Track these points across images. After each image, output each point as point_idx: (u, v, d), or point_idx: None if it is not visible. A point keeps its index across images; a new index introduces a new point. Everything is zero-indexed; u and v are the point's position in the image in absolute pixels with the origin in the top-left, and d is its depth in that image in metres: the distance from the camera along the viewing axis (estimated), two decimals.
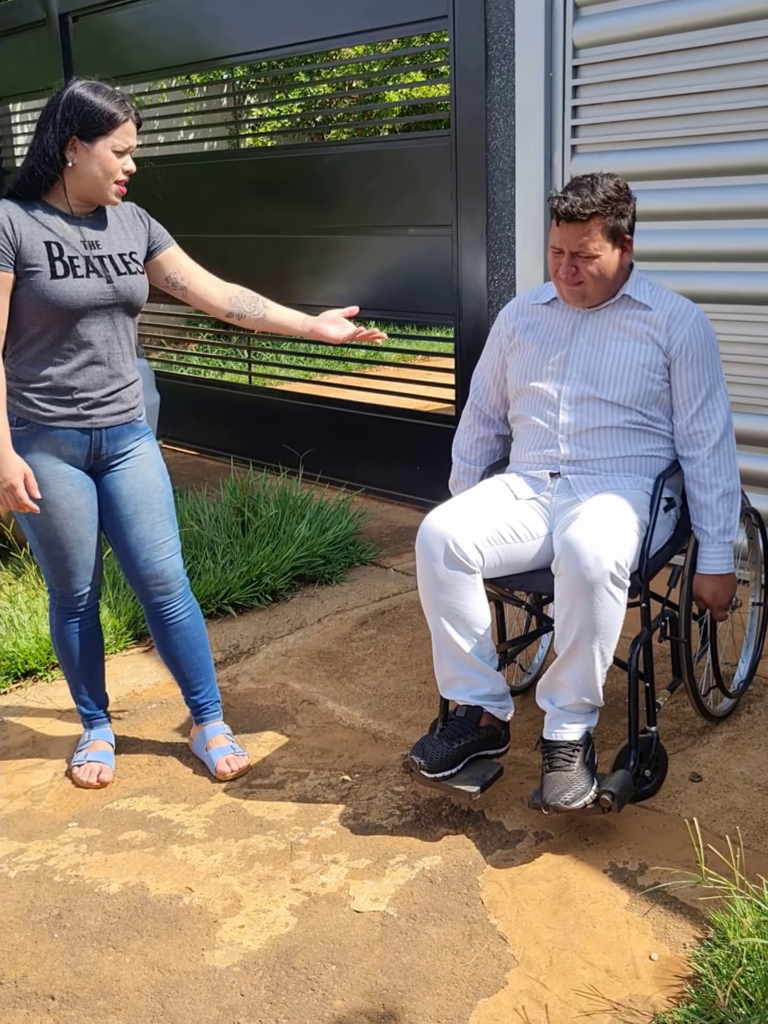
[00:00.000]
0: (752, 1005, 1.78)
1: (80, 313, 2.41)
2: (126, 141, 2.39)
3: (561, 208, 2.43)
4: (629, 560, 2.33)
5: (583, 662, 2.34)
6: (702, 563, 2.59)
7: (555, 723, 2.41)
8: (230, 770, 2.73)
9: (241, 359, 6.37)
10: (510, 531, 2.51)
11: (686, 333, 2.52)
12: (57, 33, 6.23)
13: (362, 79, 8.31)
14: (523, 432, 2.70)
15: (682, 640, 2.61)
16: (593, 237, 2.44)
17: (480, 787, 2.43)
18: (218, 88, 8.52)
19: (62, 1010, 1.98)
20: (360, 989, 2.00)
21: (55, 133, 2.34)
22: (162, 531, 2.65)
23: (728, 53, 3.55)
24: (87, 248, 2.43)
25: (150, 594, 2.69)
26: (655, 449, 2.60)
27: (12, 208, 2.37)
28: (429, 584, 2.47)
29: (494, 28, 4.14)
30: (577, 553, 2.28)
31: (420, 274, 4.78)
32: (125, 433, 2.59)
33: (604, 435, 2.56)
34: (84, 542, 2.59)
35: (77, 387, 2.47)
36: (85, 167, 2.37)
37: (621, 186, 2.48)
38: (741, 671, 2.99)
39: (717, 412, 2.56)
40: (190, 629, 2.75)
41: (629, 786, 2.37)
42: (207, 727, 2.83)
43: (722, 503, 2.55)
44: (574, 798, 2.29)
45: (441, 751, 2.45)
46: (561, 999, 1.94)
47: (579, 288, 2.51)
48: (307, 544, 4.05)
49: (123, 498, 2.60)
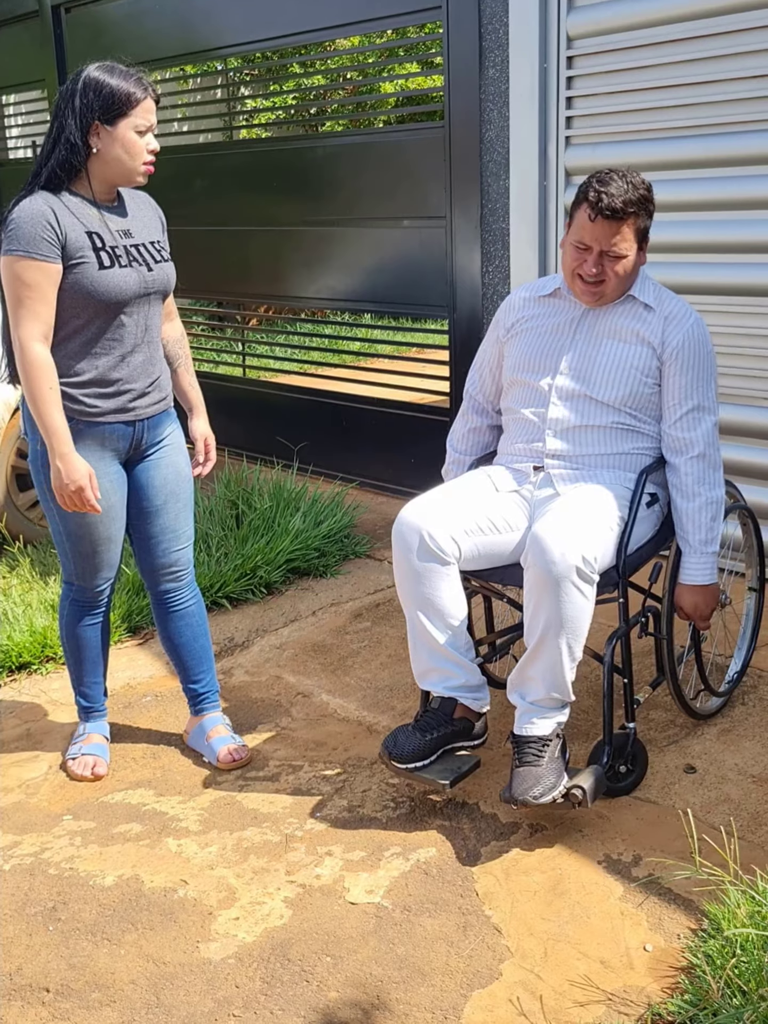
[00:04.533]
0: (746, 995, 1.78)
1: (125, 303, 2.39)
2: (147, 119, 2.35)
3: (603, 203, 2.36)
4: (599, 555, 2.30)
5: (550, 656, 2.33)
6: (684, 573, 2.56)
7: (525, 718, 2.40)
8: (232, 760, 2.73)
9: (235, 352, 6.36)
10: (489, 523, 2.49)
11: (681, 337, 2.50)
12: (50, 24, 6.20)
13: (356, 70, 8.28)
14: (512, 425, 2.69)
15: (663, 637, 2.60)
16: (625, 236, 2.41)
17: (452, 779, 2.42)
18: (212, 80, 8.49)
19: (57, 1002, 1.98)
20: (355, 981, 2.00)
21: (76, 120, 2.30)
22: (184, 521, 2.67)
23: (722, 43, 3.54)
24: (122, 237, 2.41)
25: (160, 582, 2.70)
26: (640, 448, 2.58)
27: (52, 200, 2.32)
28: (404, 575, 2.47)
29: (488, 19, 4.13)
30: (543, 547, 2.27)
31: (414, 266, 4.77)
32: (163, 421, 2.59)
33: (591, 433, 2.55)
34: (112, 539, 2.58)
35: (122, 379, 2.45)
36: (110, 151, 2.33)
37: (649, 185, 2.45)
38: (736, 663, 2.99)
39: (704, 420, 2.52)
40: (195, 616, 2.77)
41: (601, 781, 2.36)
42: (206, 718, 2.82)
43: (704, 512, 2.52)
44: (542, 793, 2.28)
45: (413, 742, 2.45)
46: (555, 990, 1.95)
47: (599, 287, 2.47)
48: (301, 537, 4.05)
49: (155, 488, 2.60)
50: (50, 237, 2.28)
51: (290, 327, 9.32)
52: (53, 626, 3.39)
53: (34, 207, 2.30)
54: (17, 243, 2.28)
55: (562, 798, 2.30)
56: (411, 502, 2.49)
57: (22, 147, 7.24)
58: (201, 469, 2.75)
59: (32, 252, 2.27)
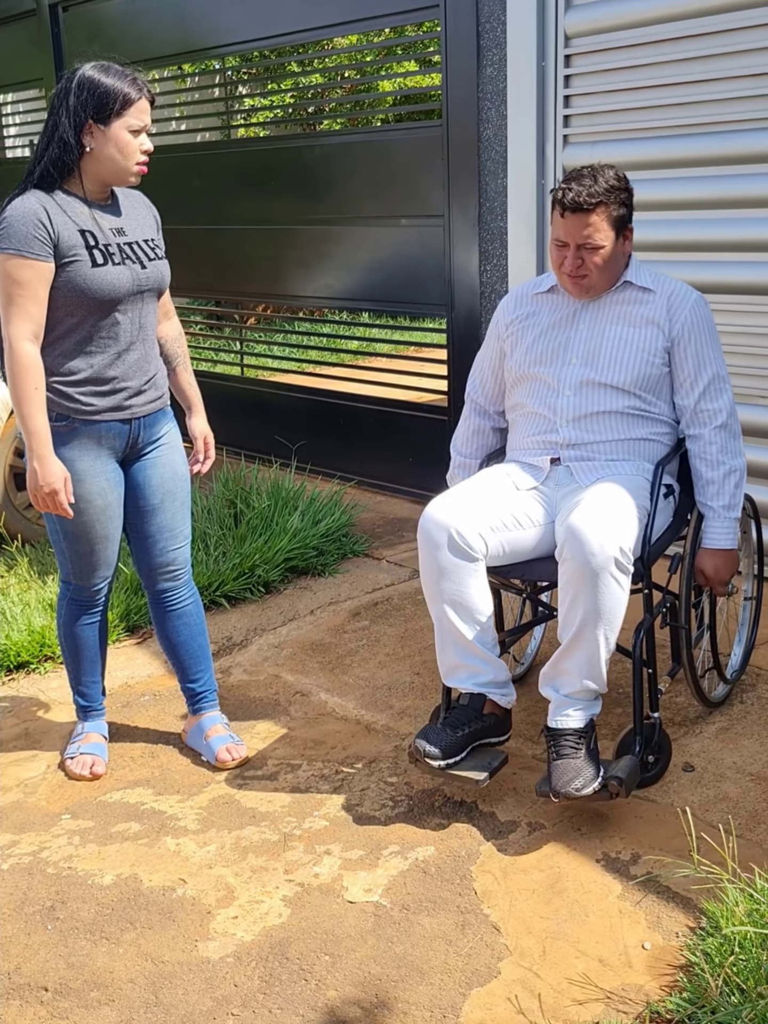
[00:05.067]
0: (744, 993, 1.78)
1: (119, 301, 2.39)
2: (141, 119, 2.35)
3: (567, 198, 2.43)
4: (633, 546, 2.33)
5: (588, 648, 2.34)
6: (707, 538, 2.61)
7: (560, 711, 2.41)
8: (231, 759, 2.72)
9: (233, 351, 6.35)
10: (512, 519, 2.51)
11: (687, 314, 2.55)
12: (47, 23, 6.19)
13: (354, 69, 8.28)
14: (520, 420, 2.70)
15: (682, 626, 2.61)
16: (598, 227, 2.46)
17: (487, 774, 2.43)
18: (209, 78, 8.49)
19: (55, 1001, 1.98)
20: (353, 979, 2.00)
21: (69, 119, 2.30)
22: (181, 520, 2.67)
23: (721, 42, 3.54)
24: (116, 235, 2.41)
25: (157, 581, 2.70)
26: (654, 434, 2.61)
27: (43, 198, 2.32)
28: (432, 573, 2.47)
29: (486, 17, 4.12)
30: (581, 540, 2.28)
31: (412, 265, 4.77)
32: (159, 419, 2.59)
33: (604, 419, 2.57)
34: (110, 538, 2.57)
35: (117, 376, 2.45)
36: (103, 150, 2.33)
37: (621, 175, 2.51)
38: (734, 661, 3.00)
39: (724, 391, 2.60)
40: (192, 615, 2.76)
41: (636, 772, 2.38)
42: (204, 717, 2.82)
43: (729, 479, 2.58)
44: (583, 785, 2.29)
45: (446, 738, 2.44)
46: (554, 988, 1.95)
47: (585, 281, 2.52)
48: (300, 536, 4.04)
49: (152, 487, 2.60)
50: (42, 236, 2.28)
51: (288, 326, 9.32)
52: (51, 625, 3.39)
53: (26, 206, 2.30)
54: (9, 241, 2.28)
55: (600, 789, 2.31)
56: (436, 499, 2.50)
57: (20, 146, 7.24)
58: (200, 467, 2.75)
59: (24, 251, 2.28)
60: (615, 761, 2.41)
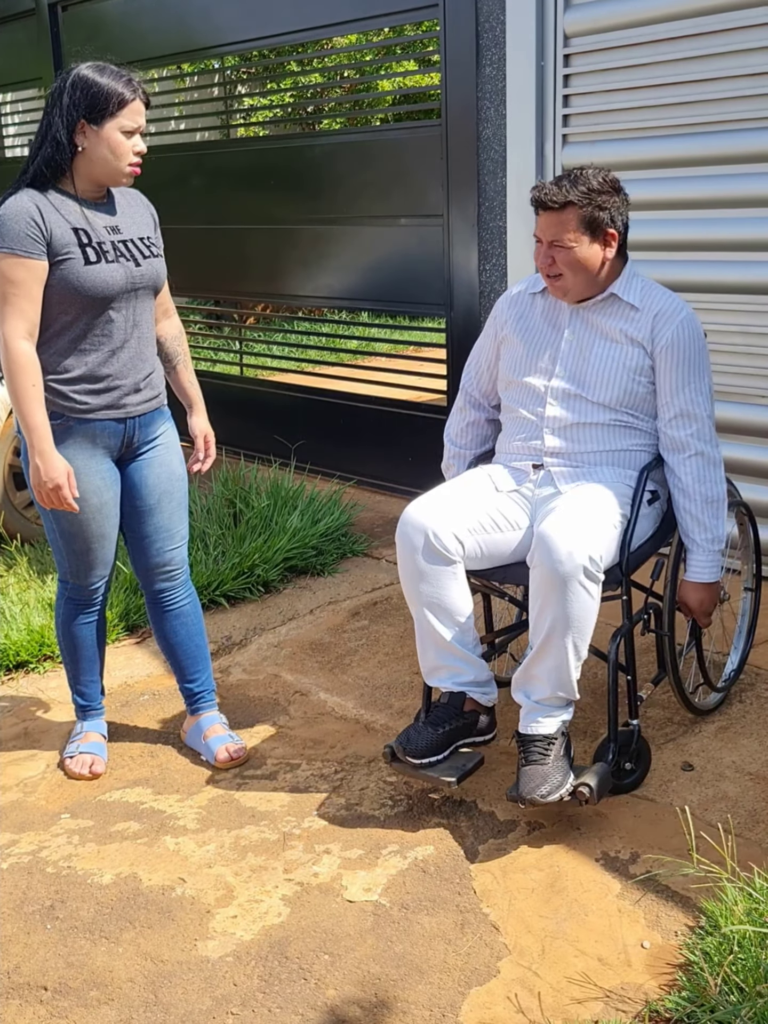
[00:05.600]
0: (743, 992, 1.78)
1: (112, 299, 2.39)
2: (135, 121, 2.34)
3: (535, 196, 2.45)
4: (604, 554, 2.31)
5: (556, 656, 2.33)
6: (690, 571, 2.58)
7: (530, 717, 2.40)
8: (230, 758, 2.73)
9: (233, 350, 6.35)
10: (491, 521, 2.50)
11: (671, 334, 2.49)
12: (46, 22, 6.19)
13: (353, 68, 8.28)
14: (509, 423, 2.70)
15: (665, 634, 2.60)
16: (567, 228, 2.43)
17: (458, 777, 2.42)
18: (208, 78, 8.49)
19: (55, 1001, 1.98)
20: (353, 978, 2.00)
21: (63, 118, 2.30)
22: (178, 520, 2.66)
23: (720, 41, 3.54)
24: (110, 233, 2.41)
25: (154, 581, 2.70)
26: (639, 444, 2.59)
27: (36, 197, 2.33)
28: (410, 575, 2.47)
29: (485, 16, 4.12)
30: (550, 546, 2.27)
31: (411, 264, 4.76)
32: (155, 419, 2.59)
33: (589, 431, 2.56)
34: (106, 537, 2.57)
35: (112, 374, 2.45)
36: (95, 150, 2.33)
37: (607, 179, 2.46)
38: (733, 660, 2.99)
39: (699, 417, 2.52)
40: (190, 616, 2.76)
41: (607, 778, 2.37)
42: (203, 717, 2.82)
43: (707, 511, 2.53)
44: (550, 791, 2.28)
45: (426, 737, 2.44)
46: (553, 987, 1.95)
47: (559, 282, 2.50)
48: (299, 535, 4.04)
49: (148, 487, 2.59)
50: (35, 234, 2.29)
51: (287, 325, 9.32)
52: (51, 625, 3.39)
53: (19, 204, 2.30)
54: (2, 240, 2.29)
55: (569, 796, 2.31)
56: (414, 502, 2.49)
57: (19, 145, 7.24)
58: (200, 466, 2.75)
59: (17, 249, 2.28)
60: (588, 767, 2.39)
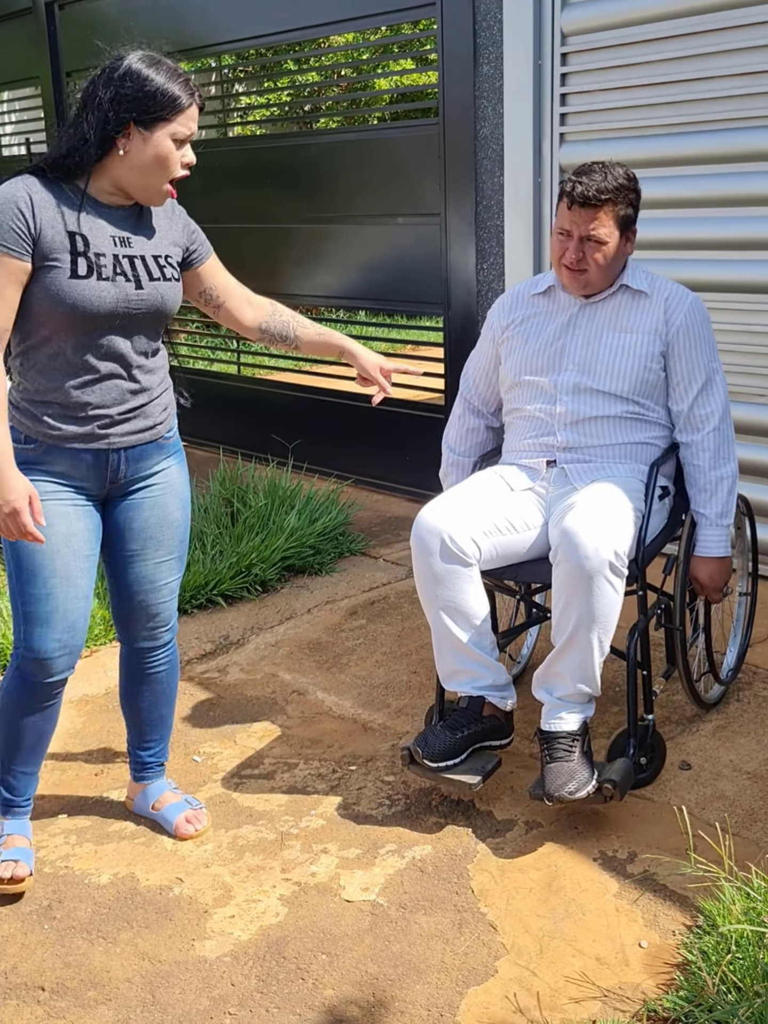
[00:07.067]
0: (741, 992, 1.78)
1: (101, 320, 2.04)
2: (188, 127, 2.02)
3: (576, 191, 2.43)
4: (627, 549, 2.33)
5: (581, 652, 2.34)
6: (700, 545, 2.61)
7: (553, 713, 2.41)
8: (194, 830, 2.44)
9: (230, 349, 6.35)
10: (506, 523, 2.50)
11: (683, 317, 2.54)
12: (43, 21, 6.19)
13: (350, 67, 8.28)
14: (517, 423, 2.69)
15: (677, 628, 2.61)
16: (603, 223, 2.45)
17: (481, 778, 2.42)
18: (205, 77, 8.49)
19: (52, 1001, 1.98)
20: (350, 978, 2.00)
21: (107, 114, 1.96)
22: (166, 571, 2.31)
23: (716, 40, 3.54)
24: (116, 245, 2.06)
25: (134, 637, 2.36)
26: (650, 437, 2.61)
27: (35, 187, 1.98)
28: (426, 579, 2.46)
29: (482, 15, 4.12)
30: (576, 542, 2.28)
31: (409, 263, 4.76)
32: (150, 453, 2.20)
33: (601, 424, 2.57)
34: (72, 581, 2.13)
35: (92, 403, 2.08)
36: (138, 157, 2.00)
37: (631, 175, 2.51)
38: (729, 659, 3.00)
39: (716, 395, 2.58)
40: (162, 683, 2.43)
41: (630, 774, 2.38)
42: (150, 786, 2.51)
43: (722, 486, 2.58)
44: (577, 788, 2.29)
45: (444, 740, 2.44)
46: (551, 987, 1.95)
47: (583, 276, 2.51)
48: (297, 535, 4.04)
49: (132, 531, 2.24)
50: (20, 228, 1.95)
51: None
52: None
53: (9, 191, 1.97)
54: None
55: (594, 792, 2.31)
56: (428, 505, 2.49)
57: (16, 144, 7.23)
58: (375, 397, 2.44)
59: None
60: (609, 763, 2.40)
